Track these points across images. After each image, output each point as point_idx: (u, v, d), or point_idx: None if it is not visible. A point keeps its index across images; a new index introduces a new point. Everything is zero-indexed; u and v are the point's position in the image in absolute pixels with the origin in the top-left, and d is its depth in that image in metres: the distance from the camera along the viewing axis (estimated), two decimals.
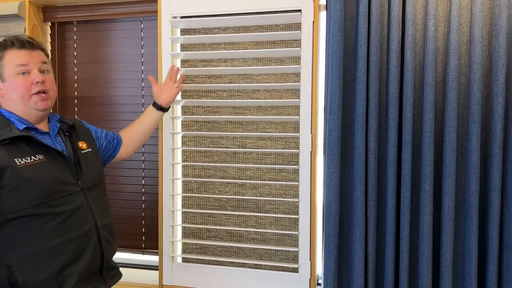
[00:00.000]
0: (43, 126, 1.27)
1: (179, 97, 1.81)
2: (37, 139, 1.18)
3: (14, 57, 1.20)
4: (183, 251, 1.83)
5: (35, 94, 1.21)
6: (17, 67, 1.20)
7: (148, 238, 1.95)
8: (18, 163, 1.12)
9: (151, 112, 1.61)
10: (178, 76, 1.68)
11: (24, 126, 1.20)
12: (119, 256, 2.00)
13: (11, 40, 1.21)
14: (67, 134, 1.31)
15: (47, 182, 1.16)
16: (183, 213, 1.82)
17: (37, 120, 1.25)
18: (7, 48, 1.21)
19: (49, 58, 1.32)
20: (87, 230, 1.23)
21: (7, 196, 1.11)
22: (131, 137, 1.59)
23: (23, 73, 1.20)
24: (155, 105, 1.60)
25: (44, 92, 1.23)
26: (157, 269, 1.89)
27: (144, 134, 1.61)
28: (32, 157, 1.16)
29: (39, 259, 1.14)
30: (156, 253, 1.93)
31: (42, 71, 1.24)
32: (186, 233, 1.83)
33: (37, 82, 1.21)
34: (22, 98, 1.20)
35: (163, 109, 1.61)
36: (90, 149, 1.37)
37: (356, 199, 1.51)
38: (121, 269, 1.42)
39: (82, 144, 1.35)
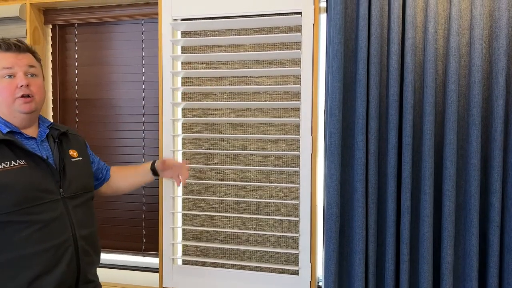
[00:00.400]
0: (30, 131, 1.24)
1: (179, 99, 1.81)
2: (20, 143, 1.16)
3: (0, 60, 1.18)
4: (184, 253, 1.83)
5: (19, 97, 1.18)
6: (2, 70, 1.17)
7: (148, 240, 1.95)
8: None
9: (146, 173, 1.55)
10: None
11: (8, 129, 1.17)
12: (120, 258, 2.00)
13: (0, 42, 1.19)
14: (56, 140, 1.28)
15: (25, 188, 1.13)
16: (184, 215, 1.82)
17: (23, 124, 1.22)
18: None
19: (40, 62, 1.30)
20: (63, 241, 1.18)
21: None
22: (117, 182, 1.54)
23: (9, 76, 1.18)
24: (154, 171, 1.54)
25: (28, 96, 1.20)
26: (157, 271, 1.89)
27: (131, 187, 1.58)
28: (12, 162, 1.13)
29: (11, 267, 1.10)
30: (156, 255, 1.93)
31: (29, 74, 1.22)
32: (186, 235, 1.83)
33: (21, 86, 1.18)
34: (6, 101, 1.18)
35: (158, 175, 1.56)
36: (81, 158, 1.34)
37: (357, 201, 1.51)
38: (121, 271, 1.39)
39: (73, 152, 1.32)
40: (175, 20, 1.76)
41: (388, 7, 1.49)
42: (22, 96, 1.19)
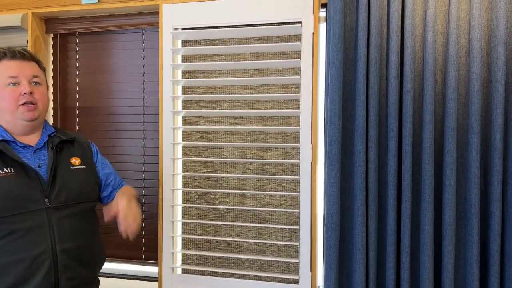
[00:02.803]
0: (29, 139, 1.24)
1: (179, 107, 1.82)
2: (11, 152, 1.16)
3: (5, 68, 1.20)
4: (183, 262, 1.82)
5: (22, 105, 1.19)
6: (7, 78, 1.19)
7: (148, 249, 1.94)
8: None
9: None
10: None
11: (1, 138, 1.18)
12: (119, 267, 1.98)
13: (3, 51, 1.21)
14: (54, 148, 1.25)
15: (5, 196, 1.12)
16: (183, 223, 1.81)
17: (24, 131, 1.23)
18: (1, 59, 1.21)
19: (45, 71, 1.32)
20: (39, 253, 1.14)
21: None
22: None
23: (14, 84, 1.19)
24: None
25: (32, 103, 1.21)
26: (156, 280, 1.87)
27: None
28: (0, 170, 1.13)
29: None
30: (156, 264, 1.92)
31: (33, 83, 1.23)
32: (186, 244, 1.82)
33: (24, 93, 1.19)
34: (10, 108, 1.19)
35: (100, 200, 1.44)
36: (83, 166, 1.31)
37: (357, 209, 1.50)
38: (121, 280, 1.35)
39: (75, 160, 1.29)
40: (176, 29, 1.77)
41: (387, 16, 1.51)
42: (25, 103, 1.20)
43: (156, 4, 1.78)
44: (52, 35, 2.03)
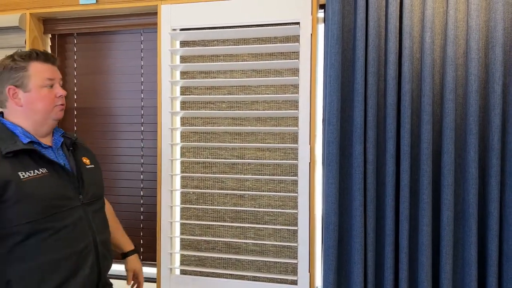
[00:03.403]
0: (46, 140, 1.28)
1: (178, 108, 1.82)
2: (41, 152, 1.19)
3: (42, 70, 1.24)
4: (181, 263, 1.82)
5: (57, 106, 1.27)
6: (44, 80, 1.24)
7: (146, 250, 1.94)
8: (22, 177, 1.13)
9: (120, 246, 1.54)
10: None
11: (28, 140, 1.20)
12: (117, 268, 1.98)
13: (36, 52, 1.25)
14: (70, 148, 1.33)
15: (49, 196, 1.16)
16: (182, 224, 1.81)
17: (48, 131, 1.28)
18: (32, 60, 1.23)
19: None
20: (85, 246, 1.22)
21: (9, 210, 1.11)
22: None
23: (50, 86, 1.25)
24: (129, 254, 1.55)
25: (62, 105, 1.29)
26: (155, 281, 1.87)
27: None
28: (35, 170, 1.16)
29: (37, 274, 1.13)
30: (154, 265, 1.92)
31: (60, 85, 1.30)
32: (184, 245, 1.82)
33: (60, 96, 1.27)
34: (46, 109, 1.24)
35: (123, 255, 1.55)
36: (93, 165, 1.38)
37: (355, 210, 1.50)
38: (119, 281, 1.40)
39: (86, 160, 1.36)
40: (174, 30, 1.77)
41: (385, 17, 1.51)
42: (60, 104, 1.28)
43: (154, 5, 1.78)
44: (50, 35, 2.03)
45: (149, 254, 1.93)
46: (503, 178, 1.45)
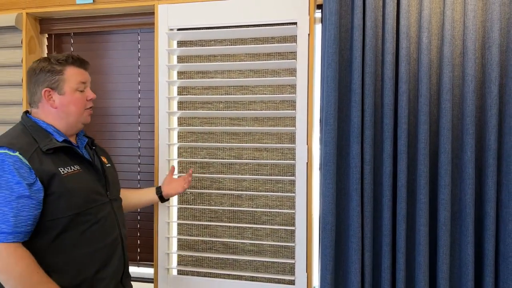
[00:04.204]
0: (73, 140, 1.35)
1: (175, 108, 1.81)
2: (76, 150, 1.28)
3: (77, 74, 1.32)
4: (179, 263, 1.82)
5: (87, 109, 1.35)
6: (79, 84, 1.31)
7: (143, 250, 1.93)
8: (62, 172, 1.21)
9: (150, 194, 1.63)
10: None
11: (63, 138, 1.27)
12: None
13: (73, 57, 1.32)
14: (93, 148, 1.41)
15: (86, 191, 1.25)
16: (179, 225, 1.81)
17: (76, 132, 1.36)
18: (68, 65, 1.30)
19: None
20: (114, 238, 1.33)
21: (52, 203, 1.18)
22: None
23: (81, 90, 1.33)
24: (158, 191, 1.62)
25: (90, 108, 1.37)
26: (152, 282, 1.87)
27: (134, 207, 1.65)
28: (71, 167, 1.24)
29: (75, 264, 1.22)
30: (151, 266, 1.91)
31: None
32: (181, 245, 1.82)
33: (90, 99, 1.35)
34: (79, 111, 1.31)
35: (162, 198, 1.63)
36: (109, 165, 1.46)
37: (352, 210, 1.51)
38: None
39: (104, 159, 1.44)
40: (171, 29, 1.77)
41: (382, 18, 1.51)
42: (89, 107, 1.36)
43: (151, 5, 1.78)
44: (46, 35, 2.02)
45: (146, 254, 1.93)
46: (500, 178, 1.46)
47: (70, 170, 1.23)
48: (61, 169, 1.20)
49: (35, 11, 1.90)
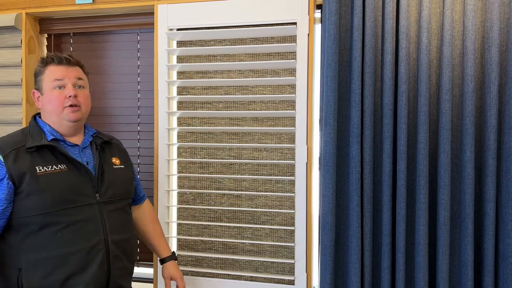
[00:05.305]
0: (75, 139, 1.33)
1: (175, 108, 1.81)
2: (62, 149, 1.24)
3: (52, 72, 1.28)
4: (178, 263, 1.81)
5: (67, 107, 1.27)
6: (53, 81, 1.27)
7: (143, 250, 1.93)
8: (38, 171, 1.19)
9: (161, 249, 1.56)
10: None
11: (53, 137, 1.26)
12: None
13: (51, 56, 1.29)
14: (99, 148, 1.35)
15: (63, 191, 1.20)
16: (178, 224, 1.81)
17: (69, 131, 1.31)
18: (48, 64, 1.29)
19: (88, 75, 1.39)
20: (96, 243, 1.24)
21: (22, 201, 1.17)
22: (141, 218, 1.57)
23: (59, 87, 1.27)
24: (168, 257, 1.55)
25: (75, 106, 1.28)
26: (152, 282, 1.87)
27: (142, 235, 1.59)
28: (54, 166, 1.22)
29: (45, 265, 1.18)
30: (151, 266, 1.91)
31: (76, 86, 1.31)
32: (181, 245, 1.82)
33: (69, 96, 1.27)
34: (56, 110, 1.27)
35: (162, 260, 1.56)
36: (123, 166, 1.41)
37: (352, 210, 1.51)
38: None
39: (115, 160, 1.40)
40: (171, 29, 1.77)
41: (382, 18, 1.51)
42: (70, 105, 1.28)
43: (151, 5, 1.77)
44: (46, 35, 2.02)
45: (146, 254, 1.92)
46: (499, 178, 1.46)
47: (49, 169, 1.20)
48: (39, 168, 1.19)
49: (34, 11, 1.90)
